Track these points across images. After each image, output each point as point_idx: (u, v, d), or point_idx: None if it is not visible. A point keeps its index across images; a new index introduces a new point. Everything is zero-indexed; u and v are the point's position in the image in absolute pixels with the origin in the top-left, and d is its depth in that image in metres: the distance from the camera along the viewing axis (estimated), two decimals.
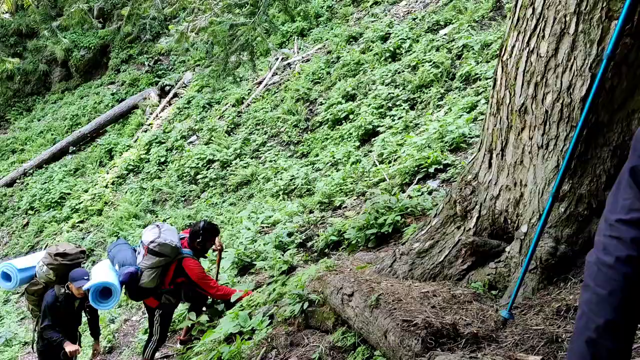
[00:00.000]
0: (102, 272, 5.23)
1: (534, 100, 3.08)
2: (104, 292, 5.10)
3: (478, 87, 8.15)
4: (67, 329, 5.38)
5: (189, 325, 5.65)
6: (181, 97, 15.04)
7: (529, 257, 2.85)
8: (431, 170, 6.51)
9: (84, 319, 5.73)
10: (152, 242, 5.20)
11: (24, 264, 5.44)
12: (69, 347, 5.20)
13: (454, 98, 8.34)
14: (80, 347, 5.63)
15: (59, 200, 13.61)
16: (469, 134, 6.98)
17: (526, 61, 3.10)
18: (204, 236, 5.49)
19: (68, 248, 5.45)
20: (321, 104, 10.89)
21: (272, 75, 13.21)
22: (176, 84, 15.85)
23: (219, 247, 5.77)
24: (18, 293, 10.65)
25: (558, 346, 2.64)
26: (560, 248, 3.04)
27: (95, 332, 5.84)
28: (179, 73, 16.38)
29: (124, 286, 5.26)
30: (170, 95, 15.46)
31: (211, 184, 11.02)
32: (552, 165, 3.06)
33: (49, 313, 5.22)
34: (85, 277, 5.22)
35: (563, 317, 2.83)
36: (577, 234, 3.05)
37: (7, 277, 5.35)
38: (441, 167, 6.53)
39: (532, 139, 3.13)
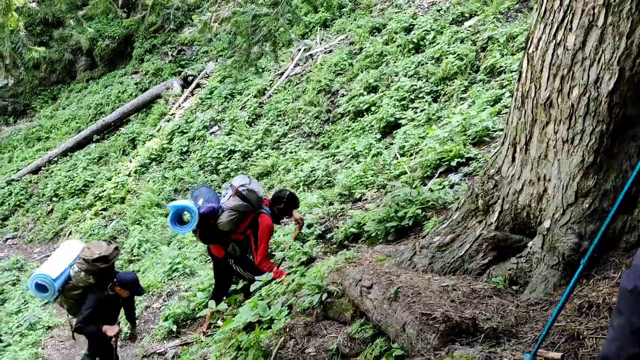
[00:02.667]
0: (185, 200, 5.45)
1: (559, 93, 3.03)
2: (182, 217, 5.37)
3: (502, 80, 8.05)
4: (106, 321, 5.34)
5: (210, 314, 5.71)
6: (204, 87, 15.11)
7: (563, 301, 2.80)
8: (453, 163, 6.46)
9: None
10: (242, 185, 5.39)
11: (56, 270, 5.22)
12: (110, 332, 5.23)
13: (478, 91, 8.25)
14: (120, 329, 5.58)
15: (83, 188, 13.80)
16: (493, 128, 6.90)
17: (553, 54, 3.04)
18: (285, 204, 5.61)
19: (103, 249, 5.28)
20: (343, 95, 10.85)
21: (294, 66, 13.19)
22: (199, 74, 15.92)
23: (299, 221, 5.84)
24: None
25: (579, 343, 2.61)
26: (584, 244, 2.99)
27: (132, 319, 5.89)
28: (202, 63, 16.45)
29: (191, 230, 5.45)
30: (193, 85, 15.53)
31: (232, 174, 11.07)
32: (577, 160, 3.01)
33: (90, 316, 5.16)
34: (136, 281, 5.36)
35: (585, 314, 2.79)
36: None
37: (42, 287, 5.17)
38: (463, 160, 6.47)
39: (557, 133, 3.08)
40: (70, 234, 12.48)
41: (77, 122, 17.01)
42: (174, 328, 6.55)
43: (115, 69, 18.65)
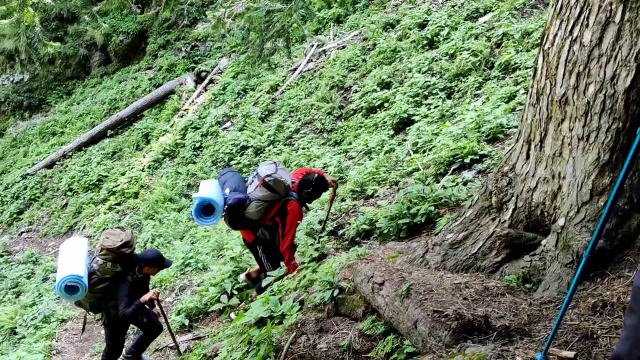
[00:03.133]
0: (210, 190, 5.36)
1: (575, 90, 3.00)
2: (206, 209, 5.29)
3: (517, 76, 7.99)
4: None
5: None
6: (217, 83, 15.15)
7: (568, 298, 2.78)
8: (467, 160, 6.43)
9: None
10: (268, 175, 5.36)
11: (79, 268, 5.13)
12: (148, 296, 5.32)
13: (492, 87, 8.19)
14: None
15: (97, 183, 13.91)
16: (507, 125, 6.86)
17: (568, 50, 3.01)
18: (314, 187, 5.59)
19: (123, 235, 5.34)
20: (356, 91, 10.82)
21: (307, 62, 13.18)
22: (212, 69, 15.96)
23: (333, 184, 5.84)
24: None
25: (593, 342, 2.59)
26: (599, 242, 2.96)
27: None
28: (215, 59, 16.49)
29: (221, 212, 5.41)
30: (206, 81, 15.58)
31: (245, 170, 11.10)
32: (593, 157, 2.98)
33: (129, 300, 5.23)
34: (160, 256, 5.46)
35: (599, 313, 2.77)
36: (617, 228, 2.98)
37: (72, 289, 5.09)
38: (477, 157, 6.43)
39: (572, 131, 3.06)
40: (84, 228, 12.60)
41: (91, 117, 17.14)
42: (187, 322, 6.59)
43: (129, 65, 18.76)
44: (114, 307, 5.38)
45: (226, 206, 5.38)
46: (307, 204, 5.80)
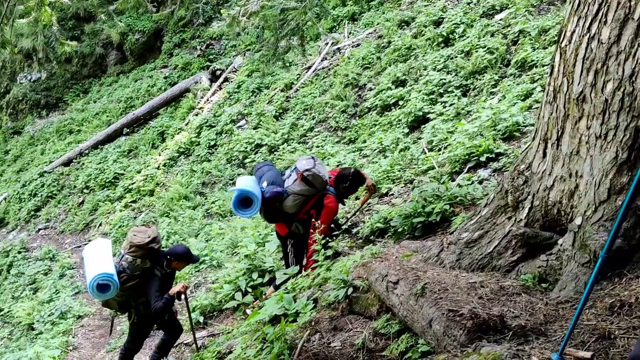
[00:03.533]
0: (248, 183, 5.48)
1: (593, 88, 2.96)
2: (244, 201, 5.40)
3: (534, 74, 7.92)
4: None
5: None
6: (231, 81, 15.21)
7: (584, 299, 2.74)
8: (482, 159, 6.39)
9: None
10: (307, 170, 5.38)
11: (109, 267, 5.19)
12: (177, 289, 5.39)
13: (509, 85, 8.13)
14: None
15: (113, 180, 14.04)
16: (523, 123, 6.80)
17: (586, 48, 2.98)
18: (351, 182, 5.62)
19: (150, 231, 5.42)
20: (370, 89, 10.80)
21: (322, 60, 13.17)
22: (227, 68, 16.02)
23: (371, 188, 5.87)
24: (74, 268, 11.10)
25: (610, 343, 2.56)
26: (616, 242, 2.93)
27: None
28: (230, 57, 16.54)
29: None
30: (221, 79, 15.64)
31: None
32: (611, 156, 2.95)
33: (160, 295, 5.29)
34: (188, 251, 5.53)
35: (616, 314, 2.74)
36: (635, 228, 2.94)
37: (104, 287, 5.14)
38: (493, 156, 6.39)
39: (589, 129, 3.02)
40: (100, 225, 12.72)
41: (107, 116, 17.30)
42: (201, 319, 6.63)
43: (145, 63, 18.90)
44: (143, 304, 5.44)
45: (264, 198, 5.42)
46: (344, 199, 5.82)
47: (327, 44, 13.48)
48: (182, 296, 5.53)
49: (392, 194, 6.89)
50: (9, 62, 19.82)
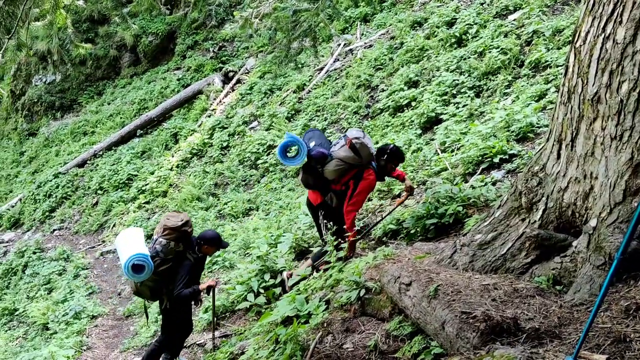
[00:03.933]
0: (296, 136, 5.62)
1: (608, 89, 2.94)
2: (290, 150, 5.56)
3: (548, 74, 7.86)
4: (195, 281, 5.60)
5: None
6: (244, 83, 15.25)
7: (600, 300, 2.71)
8: (496, 160, 6.35)
9: None
10: (356, 138, 5.42)
11: (144, 249, 5.28)
12: (208, 284, 5.49)
13: (522, 86, 8.07)
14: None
15: (127, 182, 14.13)
16: (537, 124, 6.75)
17: (601, 48, 2.95)
18: (388, 156, 5.62)
19: (182, 215, 5.59)
20: (382, 90, 10.77)
21: (334, 62, 13.17)
22: (239, 70, 16.07)
23: (409, 189, 5.81)
24: (88, 269, 11.19)
25: (625, 346, 2.53)
26: (632, 244, 2.89)
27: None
28: (242, 59, 16.59)
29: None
30: (234, 81, 15.69)
31: (271, 169, 11.15)
32: (626, 157, 2.92)
33: (188, 281, 5.38)
34: (219, 236, 5.67)
35: (632, 317, 2.71)
36: None
37: (139, 268, 5.19)
38: (506, 157, 6.35)
39: (604, 130, 2.99)
40: (114, 226, 12.81)
41: (121, 117, 17.42)
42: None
43: (158, 65, 18.99)
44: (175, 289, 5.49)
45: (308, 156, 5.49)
46: (383, 176, 5.79)
47: (339, 45, 13.47)
48: (211, 292, 5.60)
49: None
50: (24, 65, 20.06)
